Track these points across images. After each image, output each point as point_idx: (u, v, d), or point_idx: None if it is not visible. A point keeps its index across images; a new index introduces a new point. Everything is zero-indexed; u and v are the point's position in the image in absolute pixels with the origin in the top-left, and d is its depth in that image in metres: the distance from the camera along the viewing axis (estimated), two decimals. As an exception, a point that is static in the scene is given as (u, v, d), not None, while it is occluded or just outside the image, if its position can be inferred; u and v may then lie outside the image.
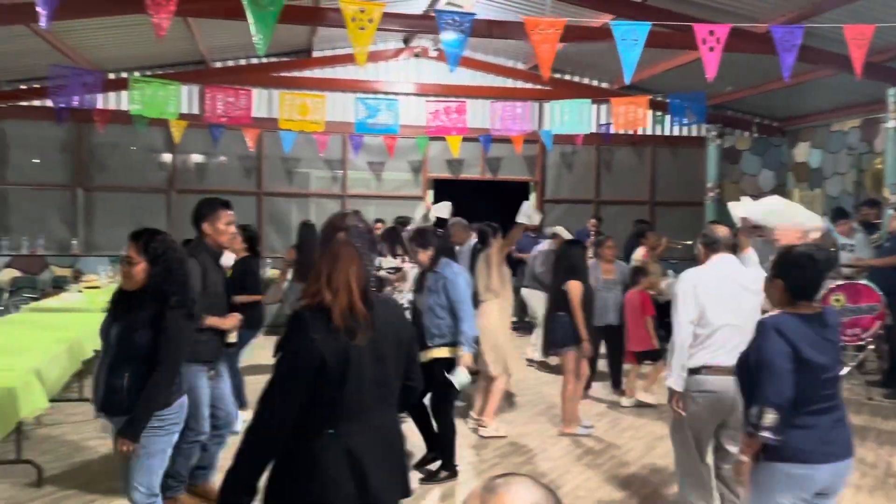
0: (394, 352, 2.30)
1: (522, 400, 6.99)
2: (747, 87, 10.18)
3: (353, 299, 2.18)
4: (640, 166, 11.93)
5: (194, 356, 3.97)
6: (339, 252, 2.22)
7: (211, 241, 4.10)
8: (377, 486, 2.19)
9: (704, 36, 4.42)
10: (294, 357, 2.15)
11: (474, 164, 11.41)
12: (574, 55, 10.30)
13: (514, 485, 1.23)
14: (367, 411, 2.23)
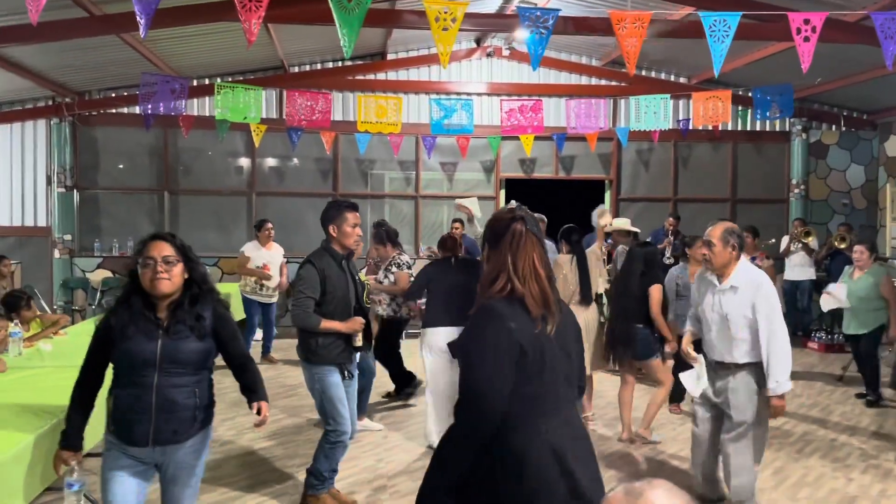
0: (574, 348, 2.26)
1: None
2: (835, 78, 9.74)
3: (542, 285, 2.15)
4: (719, 162, 11.57)
5: (320, 359, 4.08)
6: (521, 240, 2.18)
7: (337, 244, 4.15)
8: (585, 484, 2.09)
9: (799, 25, 4.24)
10: (496, 349, 2.05)
11: (547, 163, 11.30)
12: (650, 50, 10.08)
13: (658, 489, 1.20)
14: (562, 407, 2.16)
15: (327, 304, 4.05)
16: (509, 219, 2.21)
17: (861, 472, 5.05)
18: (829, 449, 5.55)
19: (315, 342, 4.06)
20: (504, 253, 2.17)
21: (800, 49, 4.27)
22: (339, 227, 4.10)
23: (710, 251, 3.97)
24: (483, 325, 2.10)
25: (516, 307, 2.11)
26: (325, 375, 4.09)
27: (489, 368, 2.04)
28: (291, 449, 5.44)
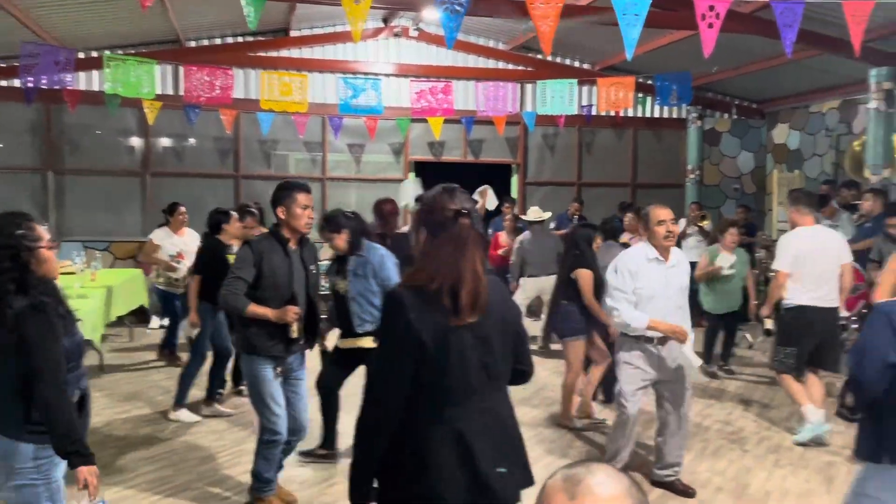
0: (499, 332, 2.20)
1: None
2: (728, 68, 10.19)
3: (480, 286, 2.11)
4: (621, 148, 11.92)
5: (252, 350, 3.83)
6: (467, 240, 2.13)
7: (286, 227, 3.86)
8: (491, 472, 2.10)
9: (704, 11, 4.35)
10: (394, 338, 2.09)
11: (456, 147, 11.28)
12: (557, 35, 10.17)
13: (598, 473, 1.15)
14: (474, 398, 2.14)
15: (262, 290, 3.79)
16: (454, 213, 2.13)
17: (755, 444, 5.31)
18: (726, 422, 5.81)
19: (248, 330, 3.82)
20: (445, 250, 2.11)
21: (703, 35, 4.38)
22: (289, 209, 3.81)
23: (674, 231, 4.25)
24: (386, 314, 2.14)
25: (427, 297, 2.07)
26: (256, 369, 3.85)
27: (385, 357, 2.11)
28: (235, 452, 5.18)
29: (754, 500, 4.35)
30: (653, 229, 4.24)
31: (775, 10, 4.53)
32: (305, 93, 8.45)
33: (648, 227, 4.27)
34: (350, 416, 2.57)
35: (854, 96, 10.01)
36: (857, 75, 8.76)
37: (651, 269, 4.25)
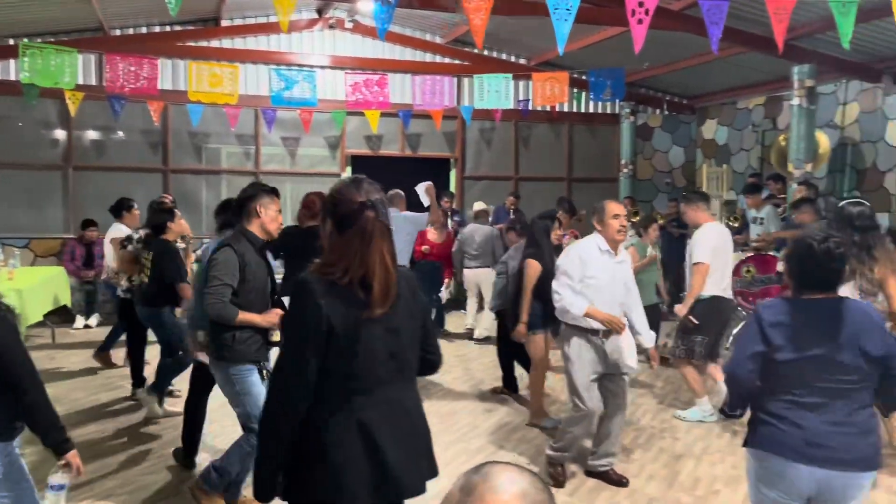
0: (408, 324, 2.22)
1: (451, 377, 6.95)
2: (659, 64, 10.40)
3: (389, 279, 2.11)
4: (557, 143, 12.04)
5: (236, 356, 3.64)
6: (373, 233, 2.12)
7: (258, 227, 3.68)
8: (395, 463, 2.11)
9: (634, 7, 4.40)
10: (304, 326, 2.06)
11: (394, 140, 11.20)
12: (494, 30, 10.22)
13: (493, 478, 1.11)
14: (381, 388, 2.15)
15: (245, 294, 3.62)
16: (360, 205, 2.12)
17: (685, 433, 5.43)
18: (657, 412, 5.94)
19: (231, 337, 3.61)
20: (353, 242, 2.11)
21: (634, 31, 4.43)
22: (267, 210, 3.67)
23: (626, 226, 4.36)
24: (295, 302, 2.11)
25: (338, 288, 2.08)
26: (244, 375, 3.67)
27: (294, 345, 2.09)
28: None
29: (684, 488, 4.44)
30: (607, 222, 4.29)
31: (702, 8, 4.63)
32: (236, 84, 8.24)
33: (603, 220, 4.31)
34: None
35: (778, 93, 10.37)
36: (782, 72, 9.07)
37: (602, 260, 4.31)
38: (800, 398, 2.51)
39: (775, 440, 2.53)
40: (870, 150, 9.30)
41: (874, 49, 8.41)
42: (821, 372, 2.49)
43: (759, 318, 2.58)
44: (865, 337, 2.48)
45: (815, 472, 2.47)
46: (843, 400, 2.49)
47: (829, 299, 2.56)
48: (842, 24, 4.60)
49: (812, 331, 2.50)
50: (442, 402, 6.17)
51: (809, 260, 2.55)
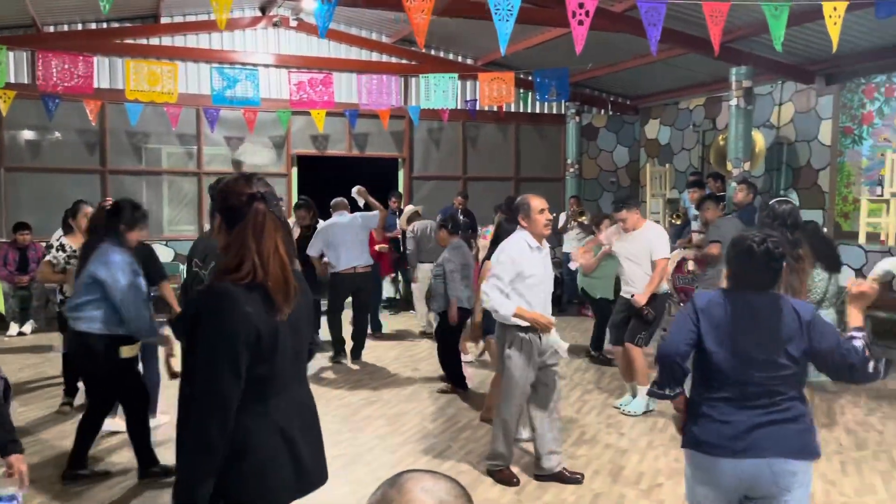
0: (305, 323, 2.25)
1: (402, 378, 6.93)
2: (603, 65, 10.55)
3: (286, 271, 2.07)
4: (504, 143, 12.12)
5: None
6: (264, 223, 2.07)
7: None
8: (307, 457, 2.15)
9: (574, 8, 4.45)
10: (233, 334, 1.96)
11: (340, 140, 11.09)
12: (440, 30, 10.22)
13: (410, 492, 1.11)
14: (288, 386, 2.16)
15: None
16: (248, 196, 2.08)
17: (630, 427, 5.52)
18: (603, 408, 6.01)
19: None
20: (245, 236, 2.06)
21: (574, 32, 4.48)
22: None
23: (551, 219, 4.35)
24: (215, 309, 2.00)
25: (255, 292, 2.03)
26: None
27: (219, 354, 1.97)
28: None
29: (629, 482, 4.50)
30: (534, 217, 4.27)
31: (641, 10, 4.70)
32: (175, 83, 8.04)
33: (529, 216, 4.30)
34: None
35: (718, 94, 10.63)
36: (720, 74, 9.30)
37: (534, 257, 4.31)
38: (728, 394, 2.54)
39: (702, 437, 2.57)
40: (804, 149, 9.61)
41: (807, 51, 8.69)
42: (749, 366, 2.52)
43: (694, 306, 2.64)
44: (789, 331, 2.53)
45: (738, 464, 2.49)
46: (770, 393, 2.52)
47: (763, 295, 2.59)
48: (774, 27, 4.74)
49: (741, 326, 2.53)
50: (390, 404, 6.14)
51: (749, 260, 2.56)
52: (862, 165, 8.89)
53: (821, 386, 6.08)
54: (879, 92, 8.70)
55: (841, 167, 9.16)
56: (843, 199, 9.15)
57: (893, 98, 8.54)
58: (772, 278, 2.59)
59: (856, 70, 8.82)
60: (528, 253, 4.30)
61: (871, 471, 4.65)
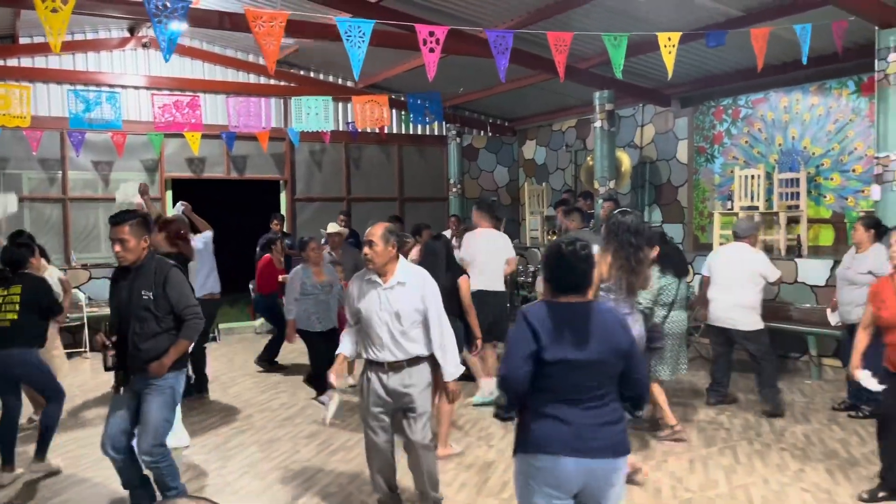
0: None
1: (277, 403, 6.83)
2: (480, 89, 10.89)
3: None
4: (387, 164, 12.23)
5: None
6: None
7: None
8: None
9: (425, 37, 4.60)
10: None
11: (218, 163, 10.87)
12: (317, 52, 10.26)
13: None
14: None
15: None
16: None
17: (500, 440, 5.67)
18: (477, 420, 6.15)
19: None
20: None
21: (426, 59, 4.63)
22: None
23: (372, 250, 3.84)
24: None
25: None
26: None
27: None
28: None
29: (492, 493, 4.63)
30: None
31: (489, 38, 4.92)
32: (27, 105, 7.65)
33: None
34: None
35: (586, 116, 11.18)
36: (587, 97, 9.79)
37: (368, 289, 3.94)
38: (565, 396, 2.65)
39: (546, 439, 2.64)
40: (665, 167, 10.25)
41: (662, 76, 9.32)
42: (580, 371, 2.64)
43: (528, 320, 2.68)
44: (613, 335, 2.69)
45: (580, 463, 2.62)
46: (600, 394, 2.68)
47: (581, 303, 2.72)
48: (614, 55, 5.07)
49: (570, 333, 2.65)
50: (263, 430, 6.04)
51: (560, 263, 2.71)
52: (715, 182, 9.58)
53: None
54: (727, 114, 9.42)
55: (697, 184, 9.83)
56: (699, 214, 9.81)
57: (740, 119, 9.27)
58: (582, 278, 2.72)
59: (706, 94, 9.52)
60: (363, 285, 3.98)
61: (716, 466, 4.98)
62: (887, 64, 6.13)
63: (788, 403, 6.39)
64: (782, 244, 8.22)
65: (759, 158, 8.96)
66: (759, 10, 6.94)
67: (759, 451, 5.25)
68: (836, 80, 8.15)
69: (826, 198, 8.33)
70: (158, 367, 3.90)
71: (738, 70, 8.78)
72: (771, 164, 8.76)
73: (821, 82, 8.29)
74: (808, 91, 8.46)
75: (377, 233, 3.88)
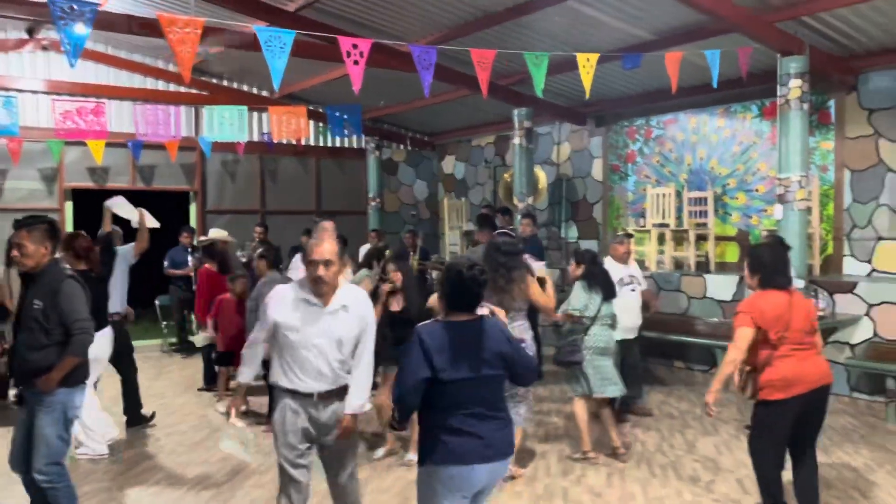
0: None
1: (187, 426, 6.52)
2: (400, 102, 10.85)
3: None
4: (305, 176, 12.01)
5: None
6: None
7: None
8: None
9: (349, 49, 4.52)
10: None
11: (123, 173, 10.37)
12: (233, 61, 9.97)
13: None
14: None
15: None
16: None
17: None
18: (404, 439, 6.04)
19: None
20: None
21: (350, 72, 4.55)
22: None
23: (329, 271, 3.35)
24: None
25: None
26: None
27: None
28: None
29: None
30: (306, 266, 3.44)
31: (413, 53, 4.89)
32: None
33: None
34: None
35: (504, 132, 11.33)
36: (506, 114, 9.92)
37: (303, 311, 3.41)
38: (468, 410, 2.88)
39: (459, 452, 2.87)
40: (581, 184, 10.49)
41: (579, 96, 9.55)
42: (478, 385, 2.89)
43: (422, 344, 2.84)
44: (500, 345, 2.96)
45: (486, 467, 2.91)
46: (495, 403, 2.97)
47: (473, 321, 2.96)
48: (535, 74, 5.14)
49: (465, 350, 2.88)
50: (173, 455, 5.74)
51: (459, 284, 2.94)
52: (628, 199, 9.87)
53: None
54: (640, 133, 9.74)
55: (611, 201, 10.10)
56: (614, 230, 10.07)
57: (651, 139, 9.60)
58: (475, 299, 2.98)
59: (620, 114, 9.82)
60: (293, 303, 3.43)
61: (633, 479, 5.07)
62: (788, 90, 6.47)
63: (698, 416, 6.60)
64: (692, 260, 8.54)
65: (669, 177, 9.29)
66: (670, 35, 7.21)
67: (672, 463, 5.39)
68: (740, 103, 8.56)
69: (732, 216, 8.71)
70: (45, 383, 3.74)
71: (648, 91, 9.10)
72: (681, 182, 9.10)
73: (727, 105, 8.70)
74: (714, 113, 8.86)
75: (334, 250, 3.38)
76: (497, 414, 2.95)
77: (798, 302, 3.90)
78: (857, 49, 7.17)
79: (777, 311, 3.79)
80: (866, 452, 5.53)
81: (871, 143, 7.41)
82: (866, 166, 7.46)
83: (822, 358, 3.95)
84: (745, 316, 3.80)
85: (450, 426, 2.86)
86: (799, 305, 3.88)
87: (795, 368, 3.78)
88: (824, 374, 3.87)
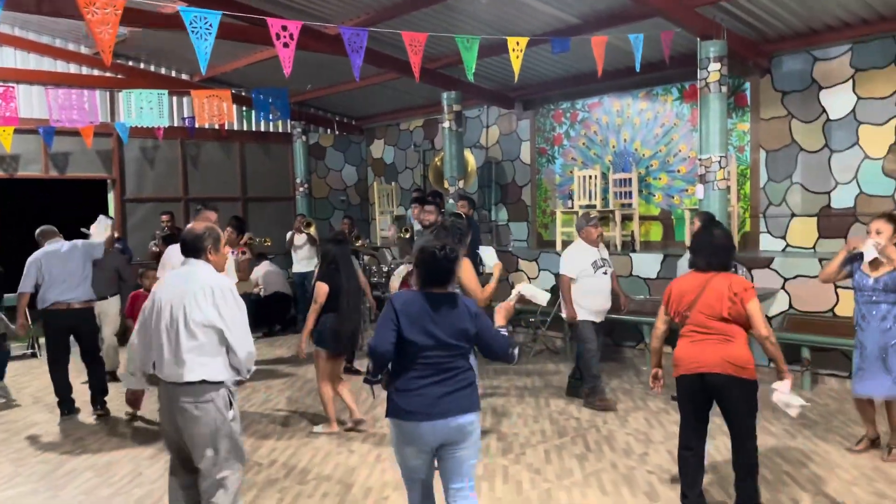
0: None
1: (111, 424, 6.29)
2: (326, 86, 10.67)
3: None
4: (229, 162, 11.69)
5: None
6: None
7: None
8: None
9: (278, 31, 4.40)
10: None
11: (35, 161, 9.84)
12: (150, 43, 9.58)
13: None
14: None
15: None
16: None
17: (361, 443, 5.58)
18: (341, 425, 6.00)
19: None
20: None
21: (280, 54, 4.44)
22: None
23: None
24: None
25: None
26: None
27: None
28: None
29: (356, 499, 4.53)
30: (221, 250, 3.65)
31: (343, 36, 4.81)
32: None
33: (218, 249, 3.64)
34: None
35: (433, 116, 11.31)
36: (435, 98, 9.90)
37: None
38: (420, 373, 3.18)
39: (406, 409, 3.19)
40: (509, 167, 10.60)
41: (507, 79, 9.62)
42: (434, 349, 3.17)
43: (393, 305, 3.22)
44: (463, 322, 3.21)
45: (434, 425, 3.17)
46: (450, 367, 3.21)
47: (444, 294, 3.25)
48: (466, 58, 5.14)
49: (427, 317, 3.17)
50: (99, 453, 5.54)
51: (433, 264, 3.24)
52: (556, 182, 10.04)
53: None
54: (566, 117, 9.90)
55: (539, 183, 10.25)
56: (542, 212, 10.24)
57: (577, 122, 9.78)
58: (446, 276, 3.26)
59: (547, 97, 9.95)
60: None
61: (570, 455, 5.20)
62: (708, 73, 6.70)
63: (628, 391, 6.82)
64: (618, 240, 8.78)
65: (595, 160, 9.50)
66: (595, 19, 7.34)
67: (606, 438, 5.56)
68: (661, 86, 8.82)
69: (655, 196, 8.99)
70: None
71: (574, 75, 9.25)
72: (606, 164, 9.32)
73: (649, 89, 8.93)
74: (637, 97, 9.09)
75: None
76: (449, 377, 3.19)
77: (714, 286, 3.78)
78: (770, 33, 7.48)
79: (680, 290, 3.97)
80: (785, 420, 5.85)
81: (785, 123, 7.77)
82: (780, 146, 7.82)
83: (732, 348, 3.73)
84: (665, 292, 4.15)
85: (403, 386, 3.20)
86: (713, 290, 3.77)
87: (684, 350, 3.91)
88: (719, 363, 3.72)
